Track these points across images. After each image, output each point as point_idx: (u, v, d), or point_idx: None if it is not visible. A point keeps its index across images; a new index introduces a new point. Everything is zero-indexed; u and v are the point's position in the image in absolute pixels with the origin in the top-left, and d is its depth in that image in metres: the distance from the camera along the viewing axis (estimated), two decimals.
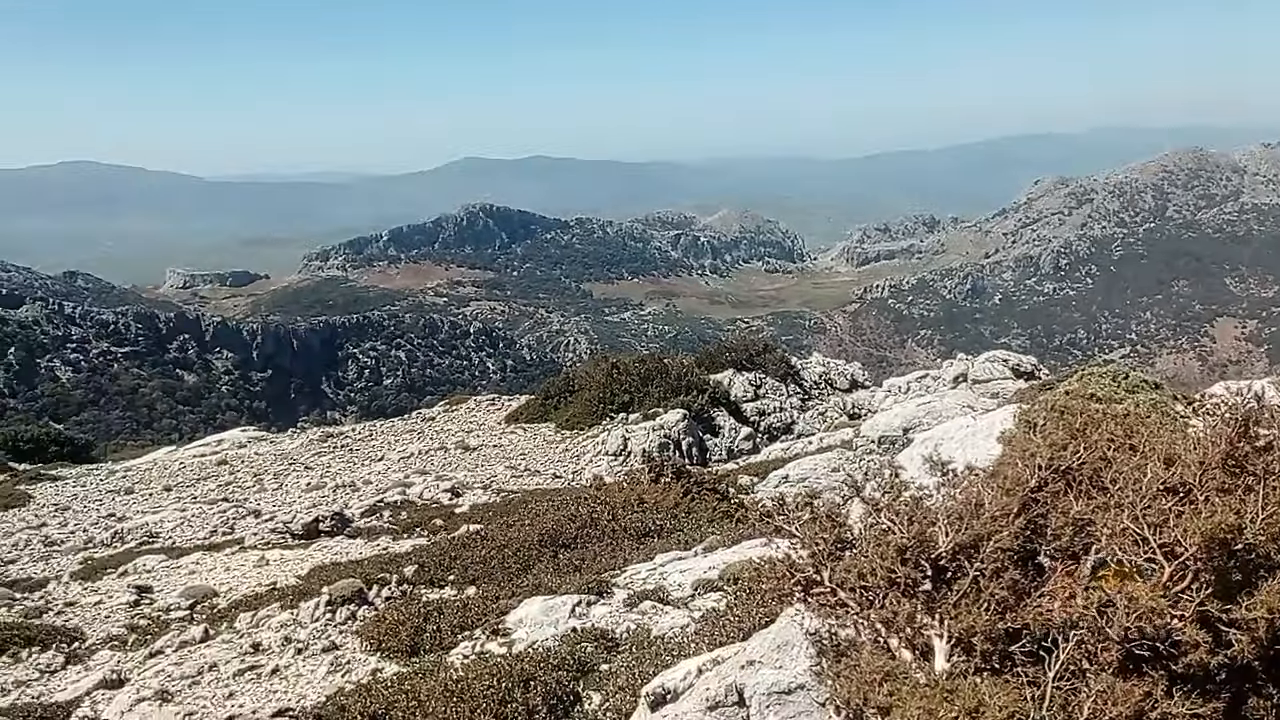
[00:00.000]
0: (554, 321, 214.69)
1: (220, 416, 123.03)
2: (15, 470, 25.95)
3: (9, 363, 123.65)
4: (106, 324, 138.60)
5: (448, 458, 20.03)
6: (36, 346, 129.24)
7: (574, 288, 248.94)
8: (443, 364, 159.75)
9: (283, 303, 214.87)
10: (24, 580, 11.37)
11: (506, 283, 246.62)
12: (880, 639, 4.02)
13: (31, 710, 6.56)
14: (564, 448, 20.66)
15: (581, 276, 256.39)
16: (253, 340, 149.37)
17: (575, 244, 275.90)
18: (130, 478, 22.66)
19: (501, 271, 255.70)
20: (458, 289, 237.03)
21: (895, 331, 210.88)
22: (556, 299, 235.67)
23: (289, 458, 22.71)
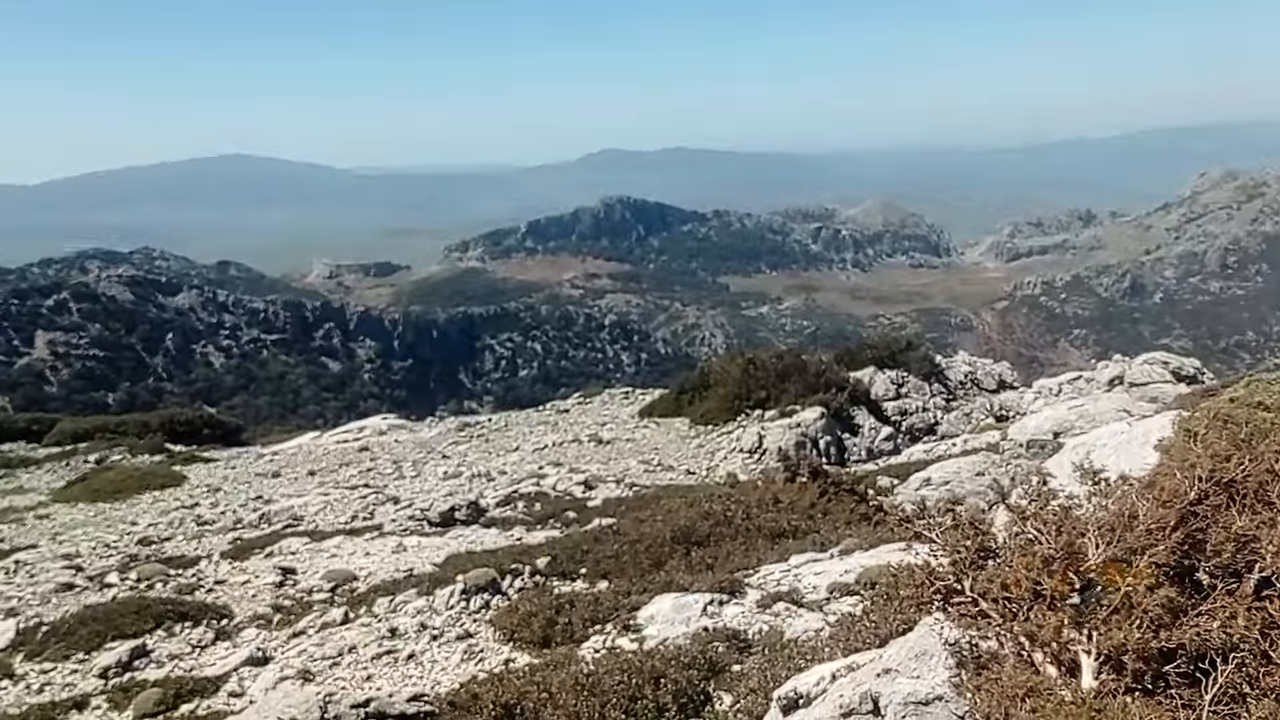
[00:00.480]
0: (689, 315, 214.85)
1: (362, 404, 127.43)
2: (172, 452, 27.43)
3: (167, 348, 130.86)
4: (257, 312, 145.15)
5: (581, 450, 20.26)
6: (192, 333, 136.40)
7: (710, 281, 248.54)
8: (577, 356, 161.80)
9: (423, 293, 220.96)
10: (178, 558, 12.01)
11: (642, 275, 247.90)
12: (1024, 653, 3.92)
13: (184, 683, 6.94)
14: (698, 443, 20.67)
15: (718, 269, 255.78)
16: (394, 330, 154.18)
17: (713, 236, 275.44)
18: (277, 462, 23.65)
19: (638, 264, 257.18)
20: (594, 281, 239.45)
21: (1046, 330, 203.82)
22: (692, 292, 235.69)
23: (427, 446, 23.33)
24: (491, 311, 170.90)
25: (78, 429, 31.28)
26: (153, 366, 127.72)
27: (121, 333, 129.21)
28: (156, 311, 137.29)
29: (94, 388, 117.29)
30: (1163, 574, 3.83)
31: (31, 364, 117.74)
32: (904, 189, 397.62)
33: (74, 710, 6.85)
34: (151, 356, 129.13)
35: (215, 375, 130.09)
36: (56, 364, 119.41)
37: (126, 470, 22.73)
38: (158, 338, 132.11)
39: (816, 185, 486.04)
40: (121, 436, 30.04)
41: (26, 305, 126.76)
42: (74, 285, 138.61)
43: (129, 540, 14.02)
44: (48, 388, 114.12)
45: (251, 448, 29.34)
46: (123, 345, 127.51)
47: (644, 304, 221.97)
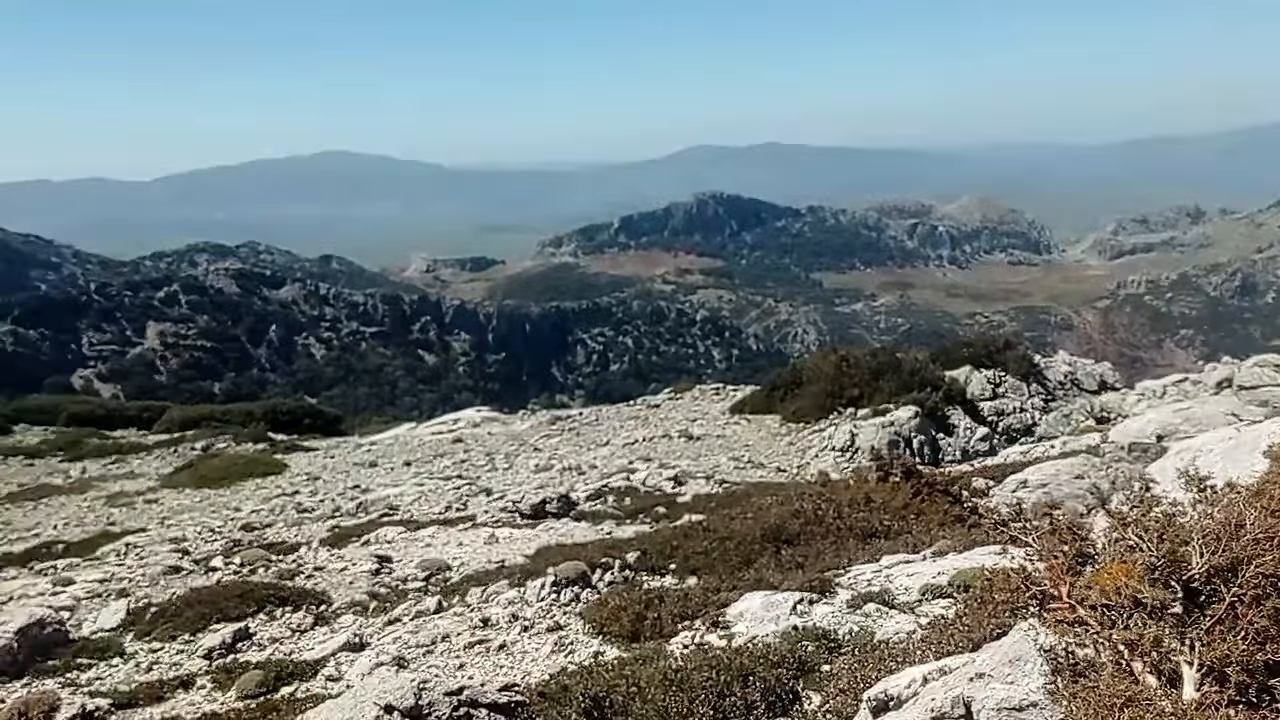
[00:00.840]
0: (782, 311, 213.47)
1: (456, 396, 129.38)
2: (274, 440, 28.20)
3: (270, 340, 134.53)
4: (356, 305, 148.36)
5: (671, 446, 20.29)
6: (294, 325, 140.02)
7: (803, 277, 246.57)
8: (668, 351, 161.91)
9: (517, 288, 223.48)
10: (279, 544, 12.34)
11: (735, 271, 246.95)
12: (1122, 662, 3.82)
13: (284, 665, 7.14)
14: (789, 441, 20.54)
15: (811, 266, 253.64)
16: (488, 323, 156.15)
17: (806, 232, 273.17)
18: (374, 452, 24.15)
19: (730, 260, 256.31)
20: (685, 277, 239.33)
21: (1151, 331, 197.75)
22: (785, 288, 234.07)
23: (519, 439, 23.59)
24: (584, 306, 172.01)
25: (185, 417, 32.37)
26: (257, 357, 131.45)
27: (228, 324, 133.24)
28: (261, 304, 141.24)
29: (201, 377, 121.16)
30: (1270, 585, 3.70)
31: (143, 354, 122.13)
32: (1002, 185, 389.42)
33: (181, 689, 7.09)
34: (256, 348, 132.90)
35: (316, 366, 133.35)
36: (166, 354, 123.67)
37: (231, 458, 23.46)
38: (262, 329, 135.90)
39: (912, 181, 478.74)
40: (226, 425, 31.02)
41: (139, 297, 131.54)
42: (184, 278, 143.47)
43: (233, 526, 14.47)
44: (157, 377, 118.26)
45: (350, 438, 30.03)
46: (229, 336, 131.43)
47: (736, 300, 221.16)
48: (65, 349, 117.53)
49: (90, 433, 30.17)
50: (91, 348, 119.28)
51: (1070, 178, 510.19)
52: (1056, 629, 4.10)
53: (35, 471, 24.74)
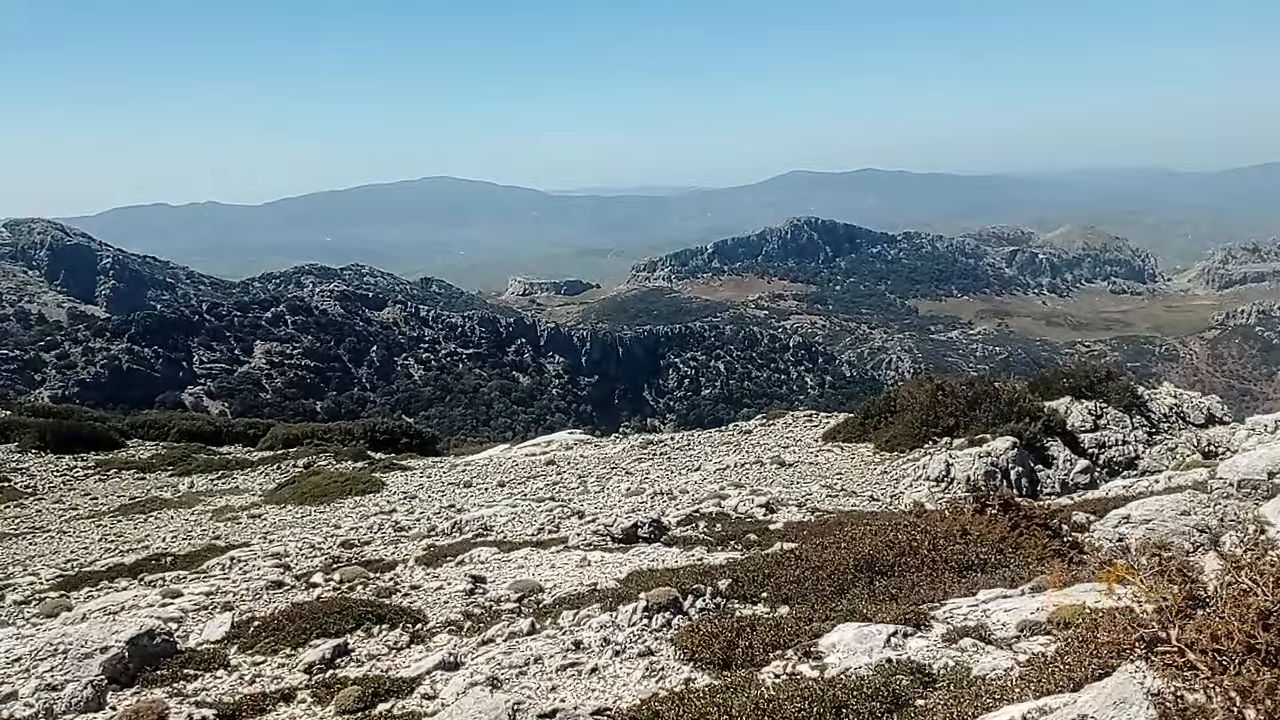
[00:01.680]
0: (876, 338, 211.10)
1: (549, 418, 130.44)
2: (373, 459, 28.75)
3: (371, 360, 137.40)
4: (455, 327, 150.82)
5: (763, 472, 20.13)
6: (395, 346, 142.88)
7: (899, 304, 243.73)
8: (760, 377, 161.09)
9: (611, 311, 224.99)
10: (377, 561, 12.53)
11: (829, 297, 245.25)
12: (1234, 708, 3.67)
13: (382, 682, 7.24)
14: (882, 469, 20.23)
15: (907, 292, 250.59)
16: (582, 346, 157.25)
17: (902, 259, 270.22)
18: (469, 472, 24.44)
19: (824, 285, 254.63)
20: (779, 302, 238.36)
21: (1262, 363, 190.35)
22: (880, 315, 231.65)
23: (611, 462, 23.64)
24: (676, 330, 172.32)
25: (289, 434, 33.24)
26: (358, 377, 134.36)
27: (331, 344, 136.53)
28: (363, 325, 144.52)
29: (304, 395, 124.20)
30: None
31: (250, 372, 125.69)
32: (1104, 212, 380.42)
33: (282, 702, 7.24)
34: (357, 367, 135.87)
35: (414, 387, 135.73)
36: (272, 372, 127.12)
37: (331, 475, 23.97)
38: (363, 350, 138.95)
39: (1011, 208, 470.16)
40: (327, 443, 31.74)
41: (248, 317, 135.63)
42: (290, 299, 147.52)
43: (332, 542, 14.76)
44: (263, 394, 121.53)
45: (445, 458, 30.46)
46: (331, 356, 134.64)
47: (829, 326, 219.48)
48: (177, 366, 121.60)
49: (198, 448, 31.15)
50: (202, 365, 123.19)
51: (1174, 205, 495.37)
52: (1165, 673, 3.96)
53: (146, 485, 25.61)
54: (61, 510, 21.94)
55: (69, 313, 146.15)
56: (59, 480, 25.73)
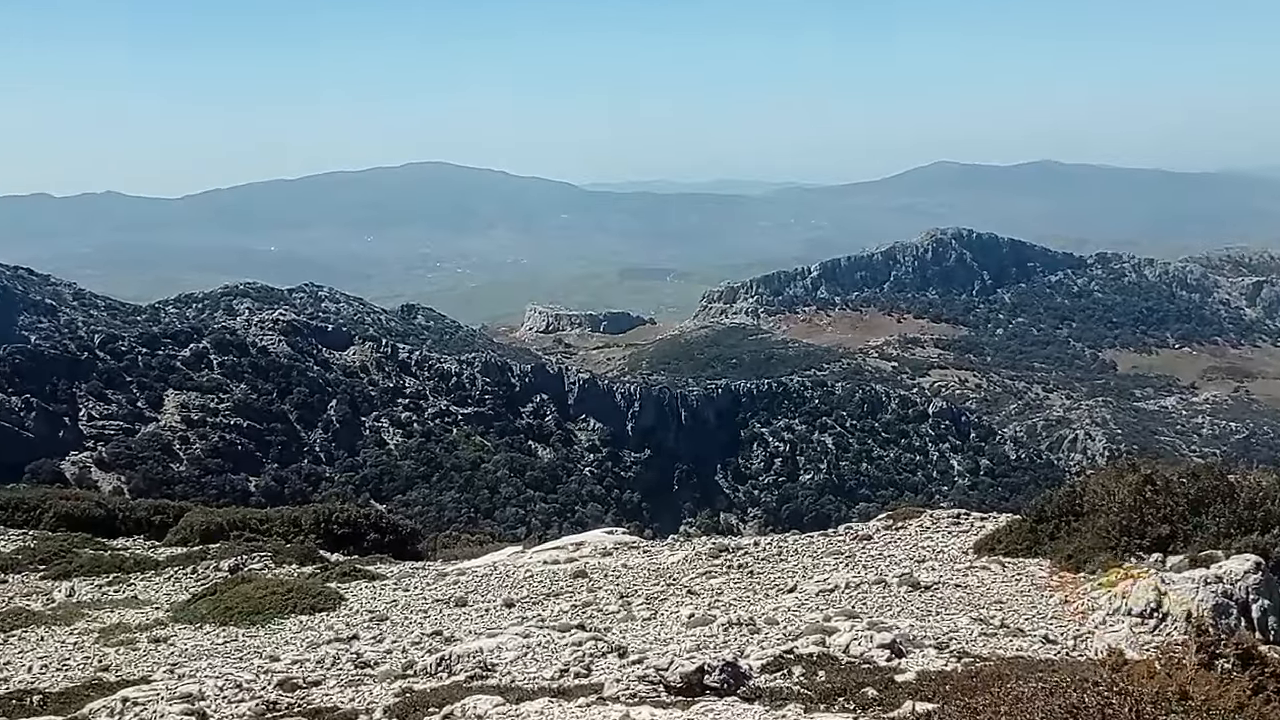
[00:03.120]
0: (1054, 404, 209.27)
1: (579, 509, 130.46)
2: (327, 562, 28.85)
3: (329, 420, 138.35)
4: (448, 375, 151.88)
5: (887, 597, 19.96)
6: (362, 400, 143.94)
7: (1088, 356, 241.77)
8: (885, 457, 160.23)
9: (670, 357, 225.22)
10: (329, 710, 12.52)
11: (986, 344, 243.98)
12: None
13: None
14: (1062, 598, 19.96)
15: (1100, 340, 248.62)
16: (628, 407, 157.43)
17: (1094, 291, 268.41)
18: (463, 584, 24.46)
19: (979, 327, 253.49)
20: (913, 350, 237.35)
21: None
22: (1060, 371, 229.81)
23: (667, 576, 23.58)
24: (765, 387, 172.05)
25: (210, 524, 33.48)
26: (309, 444, 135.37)
27: (273, 397, 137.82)
28: (319, 370, 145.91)
29: (233, 469, 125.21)
30: None
31: (158, 433, 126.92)
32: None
33: None
34: (309, 430, 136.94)
35: (389, 460, 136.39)
36: (189, 435, 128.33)
37: (268, 584, 24.07)
38: (318, 405, 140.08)
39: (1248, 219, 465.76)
40: (264, 537, 31.93)
41: (157, 355, 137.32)
42: (217, 332, 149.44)
43: (267, 681, 14.78)
44: (175, 466, 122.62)
45: (430, 563, 30.51)
46: (274, 414, 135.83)
47: (986, 386, 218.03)
48: (57, 423, 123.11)
49: (83, 540, 31.41)
50: (91, 423, 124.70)
51: None
52: None
53: (8, 590, 25.88)
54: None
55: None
56: None
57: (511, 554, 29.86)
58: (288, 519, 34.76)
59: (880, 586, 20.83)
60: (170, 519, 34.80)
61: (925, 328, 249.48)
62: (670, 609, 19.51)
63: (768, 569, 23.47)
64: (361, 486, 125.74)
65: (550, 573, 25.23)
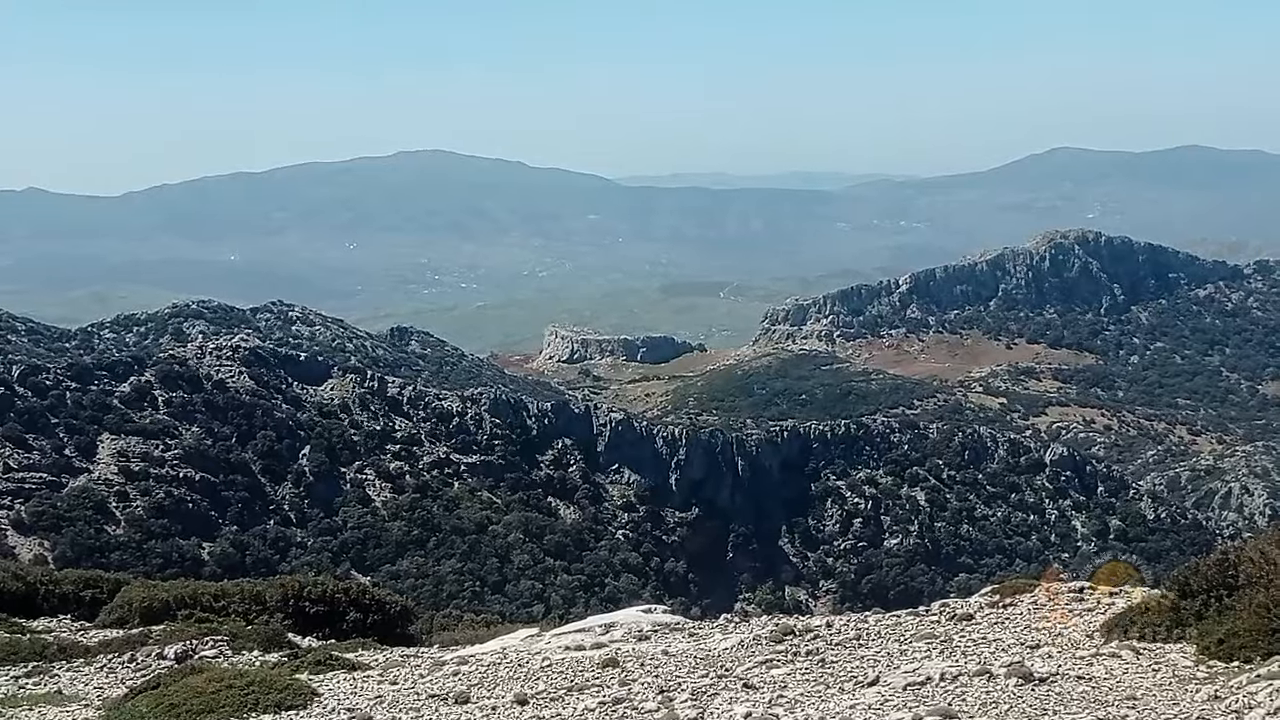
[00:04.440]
0: (1203, 450, 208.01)
1: (610, 582, 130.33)
2: (297, 648, 28.87)
3: (300, 472, 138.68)
4: (448, 416, 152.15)
5: (992, 692, 19.85)
6: (342, 447, 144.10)
7: (1246, 390, 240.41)
8: (992, 517, 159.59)
9: (724, 392, 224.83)
10: None
11: (1117, 375, 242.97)
12: None
13: None
14: (1212, 693, 19.80)
15: (1261, 369, 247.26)
16: (672, 456, 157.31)
17: (1254, 309, 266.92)
18: (466, 676, 24.44)
19: (1110, 353, 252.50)
20: (1027, 383, 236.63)
21: None
22: (1212, 408, 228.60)
23: (719, 666, 23.52)
24: (842, 430, 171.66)
25: (152, 601, 33.61)
26: (276, 500, 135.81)
27: (232, 442, 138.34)
28: (289, 409, 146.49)
29: (182, 532, 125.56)
30: None
31: (89, 487, 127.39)
32: None
33: None
34: (276, 484, 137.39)
35: (374, 521, 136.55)
36: (128, 489, 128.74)
37: (224, 676, 24.12)
38: (288, 453, 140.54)
39: None
40: (220, 617, 32.04)
41: (89, 391, 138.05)
42: (164, 362, 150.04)
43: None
44: (111, 528, 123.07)
45: (425, 649, 30.53)
46: (233, 464, 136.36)
47: (1118, 426, 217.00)
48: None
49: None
50: (9, 475, 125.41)
51: None
52: None
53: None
54: None
55: None
56: None
57: (526, 638, 29.89)
58: (249, 595, 34.87)
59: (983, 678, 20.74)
60: (104, 595, 34.97)
61: (1042, 355, 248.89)
62: (722, 706, 19.48)
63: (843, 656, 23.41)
64: (340, 554, 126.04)
65: (573, 661, 25.22)
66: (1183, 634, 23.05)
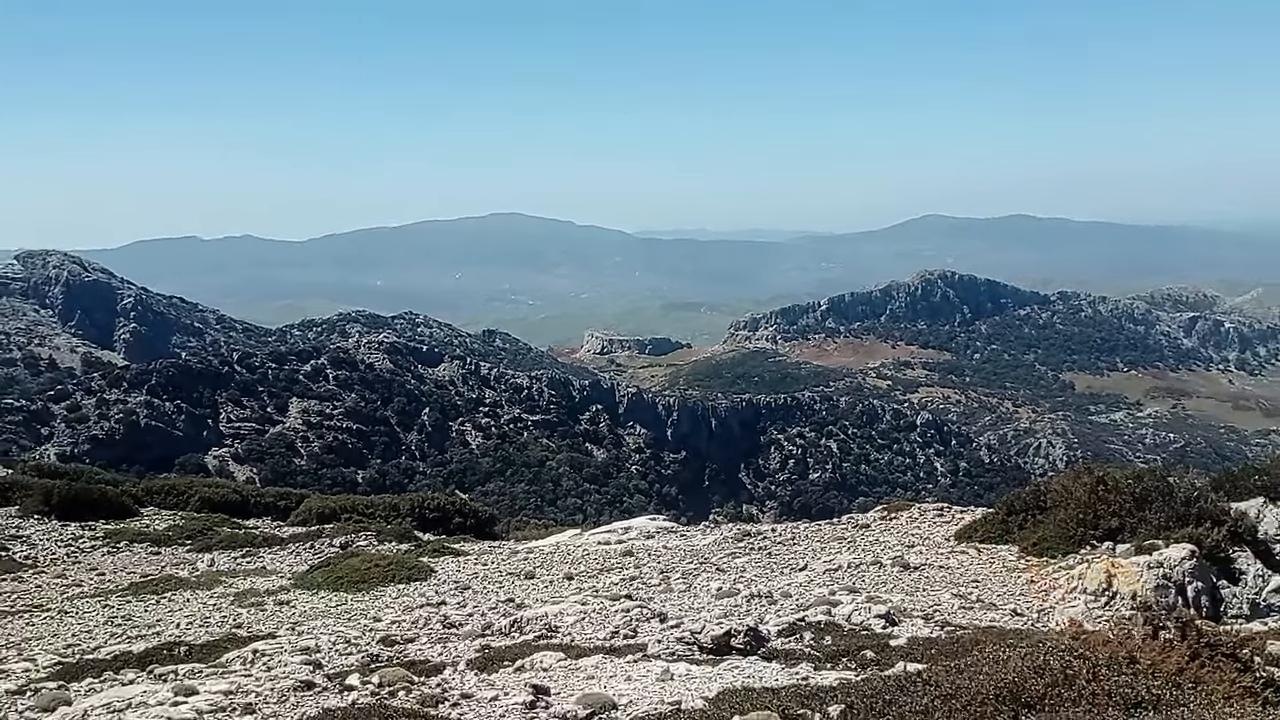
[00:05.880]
0: (1022, 418, 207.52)
1: (627, 499, 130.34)
2: (420, 540, 28.89)
3: (423, 424, 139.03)
4: (520, 388, 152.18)
5: (882, 576, 19.80)
6: (450, 409, 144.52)
7: (1050, 377, 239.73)
8: (880, 460, 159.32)
9: (703, 376, 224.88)
10: (422, 663, 12.53)
11: (965, 367, 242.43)
12: None
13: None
14: (1028, 578, 19.76)
15: (1061, 364, 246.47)
16: (668, 416, 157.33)
17: (1056, 324, 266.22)
18: (531, 561, 24.44)
19: (960, 353, 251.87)
20: (905, 371, 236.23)
21: None
22: (1027, 390, 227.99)
23: (700, 555, 23.47)
24: (781, 401, 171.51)
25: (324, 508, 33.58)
26: (407, 444, 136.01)
27: (377, 405, 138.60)
28: (415, 383, 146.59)
29: (344, 463, 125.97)
30: None
31: (283, 433, 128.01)
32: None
33: None
34: (406, 432, 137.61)
35: (471, 457, 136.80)
36: (309, 435, 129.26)
37: (372, 558, 24.12)
38: (414, 412, 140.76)
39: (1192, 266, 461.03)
40: (369, 519, 32.00)
41: (284, 370, 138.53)
42: (332, 351, 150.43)
43: (371, 638, 14.82)
44: (297, 460, 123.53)
45: (504, 542, 30.51)
46: (377, 418, 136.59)
47: (965, 402, 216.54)
48: (202, 424, 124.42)
49: (221, 520, 31.63)
50: (229, 424, 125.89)
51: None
52: None
53: (161, 560, 26.08)
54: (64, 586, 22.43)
55: (83, 359, 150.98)
56: (63, 551, 26.35)
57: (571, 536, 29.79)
58: (388, 505, 34.81)
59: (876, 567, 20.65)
60: (293, 504, 34.94)
61: (915, 353, 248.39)
62: (702, 583, 19.41)
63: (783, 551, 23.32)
64: (449, 479, 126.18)
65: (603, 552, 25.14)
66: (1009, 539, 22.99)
